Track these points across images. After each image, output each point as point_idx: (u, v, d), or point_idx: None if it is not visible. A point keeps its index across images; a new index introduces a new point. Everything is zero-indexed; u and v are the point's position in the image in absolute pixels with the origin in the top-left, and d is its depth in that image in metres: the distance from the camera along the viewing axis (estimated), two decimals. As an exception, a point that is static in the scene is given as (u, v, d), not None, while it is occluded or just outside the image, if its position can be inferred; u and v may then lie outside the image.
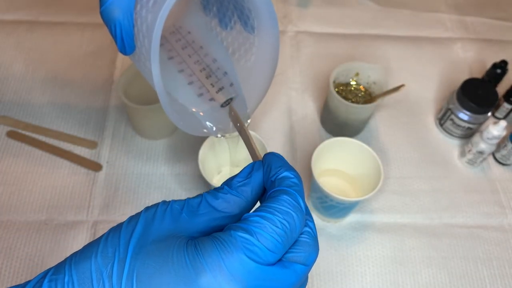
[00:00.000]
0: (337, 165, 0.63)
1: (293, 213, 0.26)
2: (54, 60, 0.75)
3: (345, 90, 0.68)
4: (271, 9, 0.39)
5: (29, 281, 0.26)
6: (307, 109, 0.73)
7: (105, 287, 0.25)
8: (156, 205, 0.28)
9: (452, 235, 0.63)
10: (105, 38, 0.78)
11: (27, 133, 0.67)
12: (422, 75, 0.79)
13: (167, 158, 0.66)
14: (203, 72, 0.45)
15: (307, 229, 0.28)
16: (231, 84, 0.45)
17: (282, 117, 0.72)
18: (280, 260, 0.26)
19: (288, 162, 0.30)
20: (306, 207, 0.28)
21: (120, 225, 0.27)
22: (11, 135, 0.67)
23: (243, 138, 0.35)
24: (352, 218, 0.63)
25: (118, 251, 0.26)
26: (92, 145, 0.66)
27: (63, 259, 0.27)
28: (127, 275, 0.25)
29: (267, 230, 0.25)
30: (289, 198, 0.27)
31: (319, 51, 0.80)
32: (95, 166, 0.64)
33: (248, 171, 0.30)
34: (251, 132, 0.58)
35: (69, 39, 0.78)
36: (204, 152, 0.58)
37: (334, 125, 0.69)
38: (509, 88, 0.70)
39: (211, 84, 0.45)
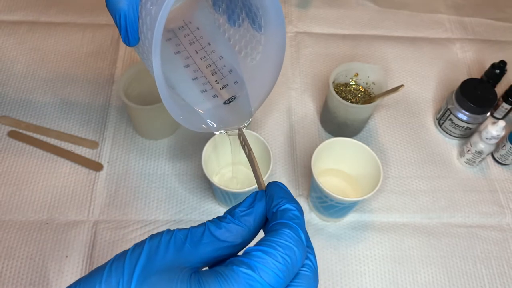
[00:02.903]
0: (337, 165, 0.63)
1: (294, 248, 0.26)
2: (55, 60, 0.76)
3: (344, 90, 0.68)
4: (278, 8, 0.39)
5: None
6: (307, 109, 0.73)
7: None
8: (161, 234, 0.28)
9: (451, 234, 0.63)
10: (106, 39, 0.78)
11: (28, 133, 0.67)
12: (421, 75, 0.79)
13: (168, 158, 0.67)
14: (209, 69, 0.46)
15: (307, 261, 0.28)
16: (236, 82, 0.45)
17: (282, 117, 0.72)
18: None
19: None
20: (308, 240, 0.28)
21: (124, 253, 0.27)
22: (12, 135, 0.67)
23: (250, 164, 0.35)
24: (351, 217, 0.63)
25: (122, 281, 0.26)
26: (93, 145, 0.67)
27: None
28: None
29: (269, 265, 0.25)
30: (291, 232, 0.27)
31: (318, 52, 0.80)
32: (96, 166, 0.65)
33: (250, 201, 0.30)
34: (253, 133, 0.59)
35: (70, 40, 0.78)
36: (207, 152, 0.58)
37: (334, 125, 0.69)
38: (508, 88, 0.71)
39: (216, 81, 0.45)
